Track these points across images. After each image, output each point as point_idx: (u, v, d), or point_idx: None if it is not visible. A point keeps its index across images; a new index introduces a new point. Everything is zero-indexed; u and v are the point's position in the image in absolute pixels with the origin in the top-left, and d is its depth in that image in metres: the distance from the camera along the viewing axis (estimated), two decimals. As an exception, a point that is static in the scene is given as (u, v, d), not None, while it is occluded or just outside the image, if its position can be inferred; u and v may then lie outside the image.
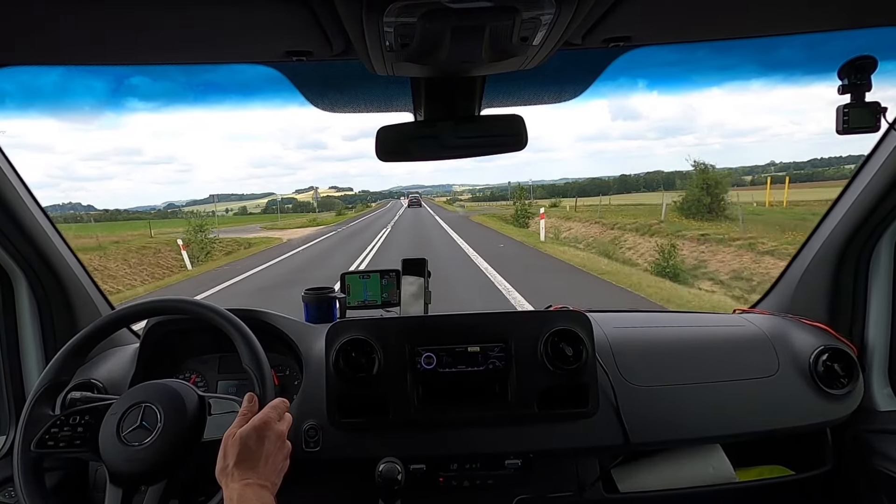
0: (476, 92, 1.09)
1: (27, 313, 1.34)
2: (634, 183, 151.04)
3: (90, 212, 46.54)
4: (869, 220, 1.28)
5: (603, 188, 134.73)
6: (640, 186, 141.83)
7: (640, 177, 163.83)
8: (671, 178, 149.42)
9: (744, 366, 1.32)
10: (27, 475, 0.94)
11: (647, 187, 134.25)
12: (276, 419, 0.89)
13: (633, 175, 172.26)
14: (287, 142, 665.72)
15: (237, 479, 0.80)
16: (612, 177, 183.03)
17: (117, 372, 1.34)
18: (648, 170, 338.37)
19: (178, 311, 1.08)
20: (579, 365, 1.19)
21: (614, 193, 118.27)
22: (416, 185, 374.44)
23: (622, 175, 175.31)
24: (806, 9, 0.90)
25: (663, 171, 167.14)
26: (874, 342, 1.36)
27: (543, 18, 0.73)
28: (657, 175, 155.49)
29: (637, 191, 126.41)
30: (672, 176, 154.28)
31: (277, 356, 1.35)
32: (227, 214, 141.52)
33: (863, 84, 1.08)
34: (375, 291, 1.57)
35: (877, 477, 1.26)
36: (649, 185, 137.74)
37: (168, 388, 0.97)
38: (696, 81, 1.39)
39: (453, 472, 1.26)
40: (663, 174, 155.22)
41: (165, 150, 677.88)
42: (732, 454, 1.36)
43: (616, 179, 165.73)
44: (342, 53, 0.92)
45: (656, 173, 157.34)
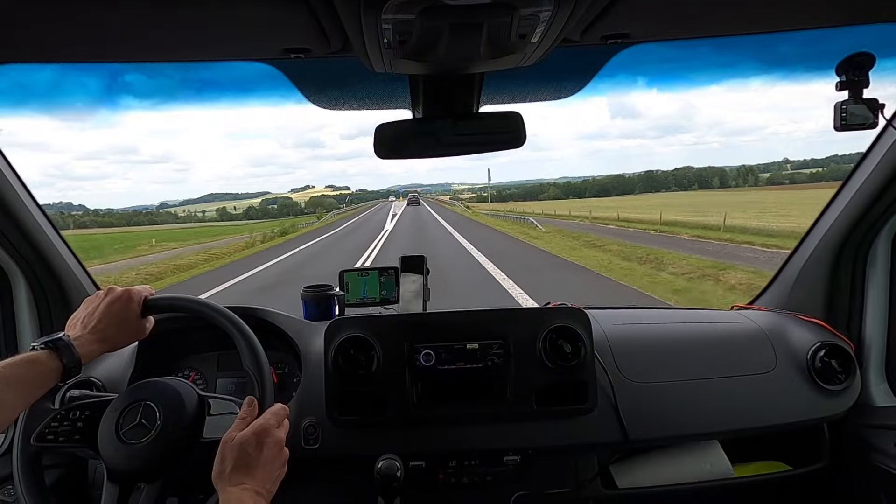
0: (474, 89, 1.09)
1: (25, 311, 1.34)
2: (662, 180, 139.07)
3: (81, 211, 45.56)
4: (866, 217, 1.28)
5: (626, 186, 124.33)
6: (670, 184, 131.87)
7: (667, 174, 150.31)
8: (704, 175, 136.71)
9: (741, 362, 1.32)
10: (26, 470, 0.94)
11: (677, 185, 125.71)
12: (275, 426, 0.89)
13: (659, 172, 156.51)
14: (284, 140, 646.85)
15: (234, 483, 0.80)
16: (636, 173, 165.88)
17: (116, 369, 1.34)
18: (648, 168, 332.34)
19: (179, 309, 1.08)
20: (578, 362, 1.20)
21: (641, 192, 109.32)
22: (415, 183, 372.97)
23: (647, 172, 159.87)
24: (804, 5, 0.90)
25: (693, 166, 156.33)
26: (871, 338, 1.36)
27: (541, 15, 0.73)
28: (687, 171, 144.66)
29: (666, 189, 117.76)
30: (704, 172, 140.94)
31: (276, 353, 1.35)
32: (203, 215, 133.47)
33: (861, 81, 1.08)
34: (374, 289, 1.57)
35: (873, 472, 1.27)
36: (679, 183, 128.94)
37: (168, 387, 0.97)
38: (696, 79, 1.40)
39: (452, 469, 1.26)
40: (693, 170, 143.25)
41: (162, 149, 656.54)
42: (730, 450, 1.36)
43: (641, 176, 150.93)
44: (340, 51, 0.92)
45: (686, 169, 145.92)
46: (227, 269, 14.78)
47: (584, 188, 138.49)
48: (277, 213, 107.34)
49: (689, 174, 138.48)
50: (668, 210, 26.43)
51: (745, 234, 16.25)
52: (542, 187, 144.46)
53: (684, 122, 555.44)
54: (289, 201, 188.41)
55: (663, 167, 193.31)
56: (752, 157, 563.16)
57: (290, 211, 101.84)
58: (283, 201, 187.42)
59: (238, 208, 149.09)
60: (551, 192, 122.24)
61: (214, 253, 20.07)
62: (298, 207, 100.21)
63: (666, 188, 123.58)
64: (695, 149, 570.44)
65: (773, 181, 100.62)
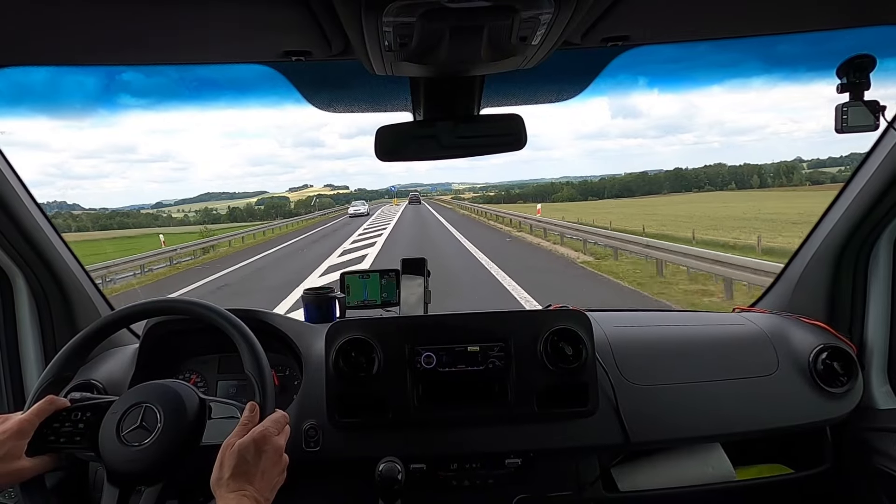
0: (475, 91, 1.09)
1: (26, 313, 1.34)
2: (693, 179, 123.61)
3: (74, 211, 41.35)
4: (868, 219, 1.28)
5: (652, 185, 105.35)
6: (703, 183, 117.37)
7: (698, 171, 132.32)
8: (740, 173, 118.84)
9: (743, 364, 1.32)
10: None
11: (711, 184, 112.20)
12: (275, 433, 0.89)
13: (689, 169, 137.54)
14: (284, 140, 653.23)
15: (231, 490, 0.80)
16: (662, 171, 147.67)
17: (117, 372, 1.34)
18: (648, 167, 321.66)
19: (178, 311, 1.08)
20: (579, 364, 1.19)
21: (669, 192, 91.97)
22: (415, 183, 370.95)
23: (676, 169, 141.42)
24: (804, 7, 0.90)
25: (725, 164, 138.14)
26: (873, 340, 1.36)
27: (542, 18, 0.73)
28: (720, 168, 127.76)
29: (698, 188, 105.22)
30: (739, 170, 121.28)
31: (277, 356, 1.35)
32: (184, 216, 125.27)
33: (862, 83, 1.08)
34: (375, 291, 1.57)
35: (876, 475, 1.27)
36: (713, 182, 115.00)
37: (169, 390, 0.97)
38: (698, 79, 1.38)
39: (453, 472, 1.26)
40: (726, 168, 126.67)
41: (161, 148, 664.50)
42: (732, 453, 1.36)
43: (669, 175, 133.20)
44: (341, 53, 0.92)
45: (718, 166, 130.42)
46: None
47: (602, 187, 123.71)
48: (263, 215, 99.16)
49: (722, 171, 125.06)
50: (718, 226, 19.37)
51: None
52: (554, 186, 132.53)
53: (685, 121, 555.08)
54: (276, 201, 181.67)
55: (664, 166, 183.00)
56: (754, 157, 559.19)
57: (277, 212, 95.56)
58: (269, 202, 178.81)
59: (219, 210, 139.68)
60: (565, 191, 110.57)
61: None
62: (287, 208, 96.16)
63: (698, 187, 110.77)
64: (695, 148, 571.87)
65: (813, 179, 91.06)
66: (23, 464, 0.88)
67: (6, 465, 0.86)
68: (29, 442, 0.90)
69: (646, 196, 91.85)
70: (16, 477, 0.88)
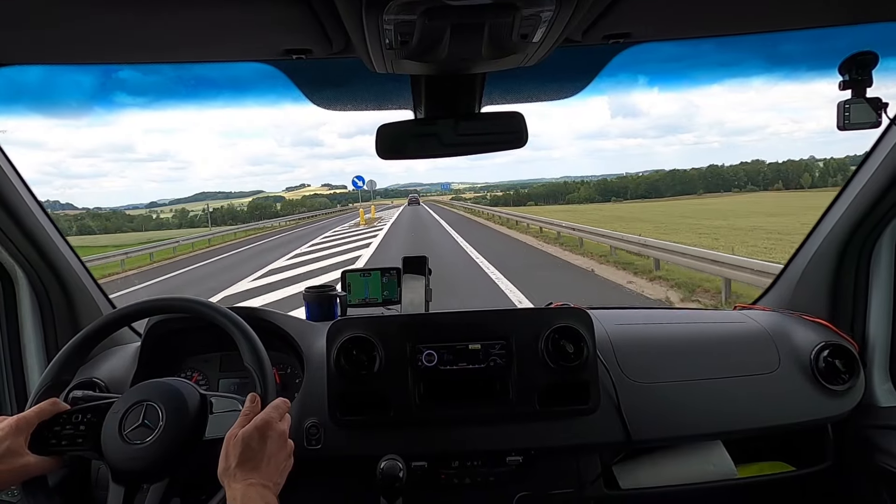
0: (476, 89, 1.09)
1: (28, 312, 1.35)
2: (732, 177, 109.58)
3: (69, 211, 39.31)
4: (870, 216, 1.28)
5: (686, 185, 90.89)
6: (744, 182, 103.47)
7: (736, 168, 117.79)
8: (785, 171, 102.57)
9: (745, 362, 1.32)
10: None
11: (752, 183, 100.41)
12: (277, 419, 0.89)
13: (725, 166, 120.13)
14: (282, 139, 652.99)
15: (240, 479, 0.80)
16: (695, 169, 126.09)
17: (119, 371, 1.34)
18: (647, 168, 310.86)
19: (179, 309, 1.08)
20: (580, 362, 1.19)
21: (704, 193, 79.81)
22: (415, 182, 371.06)
23: (711, 166, 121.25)
24: (806, 4, 0.89)
25: (764, 160, 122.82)
26: (875, 338, 1.36)
27: (543, 15, 0.73)
28: (759, 166, 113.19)
29: (739, 188, 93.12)
30: (784, 167, 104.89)
31: (279, 354, 1.35)
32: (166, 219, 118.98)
33: (864, 80, 1.07)
34: (376, 289, 1.57)
35: (877, 473, 1.27)
36: (754, 181, 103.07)
37: (170, 387, 0.97)
38: (698, 78, 1.38)
39: (454, 470, 1.26)
40: (765, 165, 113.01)
41: (159, 148, 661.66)
42: (733, 450, 1.36)
43: (702, 173, 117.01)
44: (342, 51, 0.92)
45: (757, 163, 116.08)
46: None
47: (624, 187, 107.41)
48: (247, 217, 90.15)
49: (762, 169, 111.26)
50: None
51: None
52: (568, 186, 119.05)
53: (685, 121, 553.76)
54: (260, 202, 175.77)
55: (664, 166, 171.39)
56: (756, 156, 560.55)
57: (263, 213, 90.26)
58: (255, 202, 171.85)
59: (194, 212, 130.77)
60: (582, 191, 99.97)
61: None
62: (272, 209, 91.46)
63: (738, 186, 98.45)
64: (695, 148, 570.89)
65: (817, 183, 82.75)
66: (28, 460, 0.89)
67: (10, 462, 0.86)
68: (30, 442, 0.90)
69: (677, 197, 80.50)
70: (21, 474, 0.88)
